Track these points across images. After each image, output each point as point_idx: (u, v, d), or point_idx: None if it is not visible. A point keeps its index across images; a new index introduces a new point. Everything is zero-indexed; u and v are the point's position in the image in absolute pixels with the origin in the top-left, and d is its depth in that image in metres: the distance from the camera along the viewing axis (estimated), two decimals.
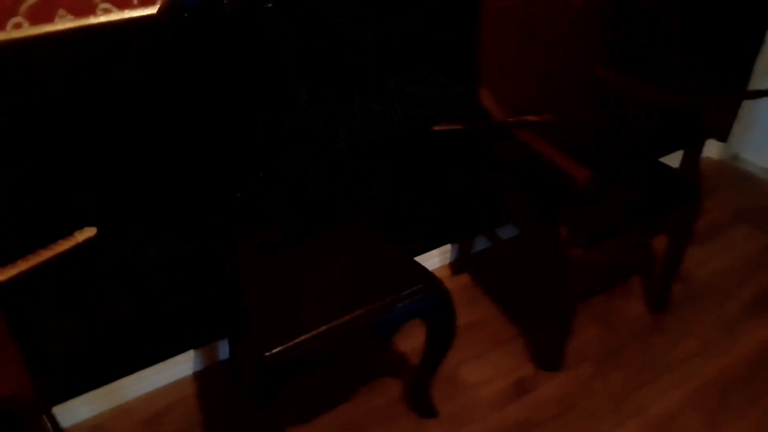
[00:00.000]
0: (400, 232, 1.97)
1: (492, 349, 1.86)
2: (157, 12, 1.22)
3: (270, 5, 1.28)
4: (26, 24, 1.16)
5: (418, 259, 1.98)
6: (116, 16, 1.22)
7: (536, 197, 1.71)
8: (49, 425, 1.08)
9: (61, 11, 1.19)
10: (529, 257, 2.10)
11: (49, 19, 1.18)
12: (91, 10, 1.21)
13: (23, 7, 1.15)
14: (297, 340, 1.23)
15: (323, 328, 1.26)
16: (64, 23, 1.19)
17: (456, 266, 2.17)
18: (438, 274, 1.42)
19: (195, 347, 1.77)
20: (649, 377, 1.76)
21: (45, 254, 1.14)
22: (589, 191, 1.40)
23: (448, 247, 2.15)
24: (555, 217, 1.56)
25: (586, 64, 1.87)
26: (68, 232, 1.19)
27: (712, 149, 2.74)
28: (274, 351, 1.21)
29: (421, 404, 1.66)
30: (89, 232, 1.21)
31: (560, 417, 1.66)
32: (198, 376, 1.79)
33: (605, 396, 1.71)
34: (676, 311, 1.97)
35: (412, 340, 1.86)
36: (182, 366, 1.77)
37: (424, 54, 1.66)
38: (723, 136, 2.68)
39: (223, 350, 1.82)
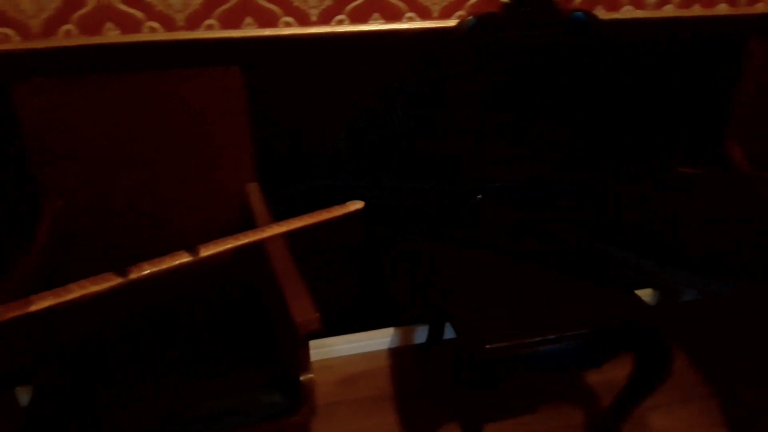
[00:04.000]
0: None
1: (685, 402, 1.80)
2: (457, 25, 1.37)
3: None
4: (347, 21, 1.38)
5: None
6: (419, 24, 1.40)
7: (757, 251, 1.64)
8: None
9: (375, 15, 1.39)
10: (743, 316, 2.00)
11: (365, 20, 1.39)
12: (399, 17, 1.40)
13: (348, 8, 1.37)
14: (519, 341, 1.31)
15: (542, 336, 1.32)
16: (377, 24, 1.39)
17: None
18: None
19: (396, 325, 1.93)
20: None
21: (323, 215, 1.34)
22: None
23: (648, 291, 2.11)
24: None
25: None
26: (342, 202, 1.38)
27: None
28: (496, 346, 1.30)
29: None
30: (359, 204, 1.39)
31: None
32: (393, 352, 1.96)
33: None
34: None
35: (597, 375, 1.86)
36: (381, 340, 1.94)
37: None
38: None
39: (420, 335, 1.96)
